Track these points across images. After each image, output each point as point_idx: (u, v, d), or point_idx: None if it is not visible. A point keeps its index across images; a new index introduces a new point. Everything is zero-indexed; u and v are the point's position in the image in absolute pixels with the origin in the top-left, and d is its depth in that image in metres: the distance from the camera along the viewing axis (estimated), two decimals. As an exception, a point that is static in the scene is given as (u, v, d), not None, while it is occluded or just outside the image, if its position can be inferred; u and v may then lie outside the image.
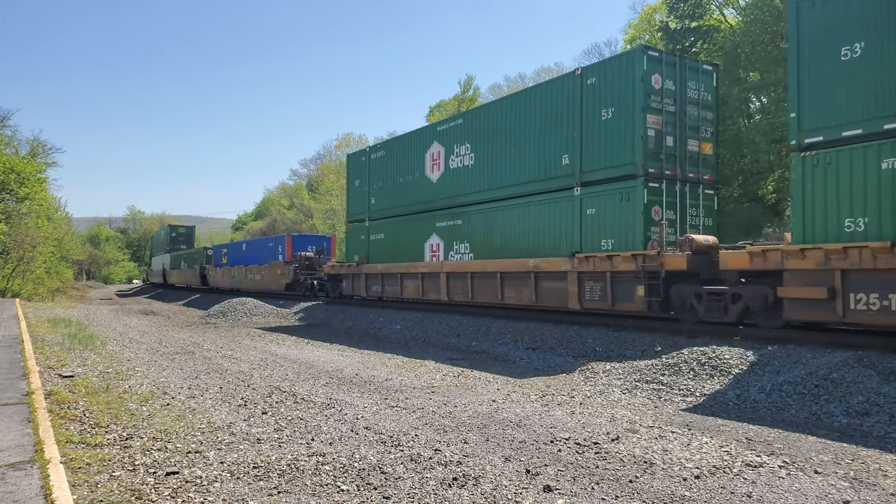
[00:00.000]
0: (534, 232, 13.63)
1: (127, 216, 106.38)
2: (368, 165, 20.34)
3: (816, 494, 4.36)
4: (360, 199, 20.95)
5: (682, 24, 36.84)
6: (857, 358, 7.82)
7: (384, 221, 19.49)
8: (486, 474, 4.68)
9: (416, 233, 17.71)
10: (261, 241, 33.55)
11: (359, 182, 21.04)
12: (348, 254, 21.32)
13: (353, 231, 21.30)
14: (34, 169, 34.89)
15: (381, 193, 19.67)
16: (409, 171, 18.20)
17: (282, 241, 29.41)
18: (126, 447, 5.20)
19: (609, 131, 11.92)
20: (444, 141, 16.81)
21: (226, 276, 35.76)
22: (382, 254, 19.31)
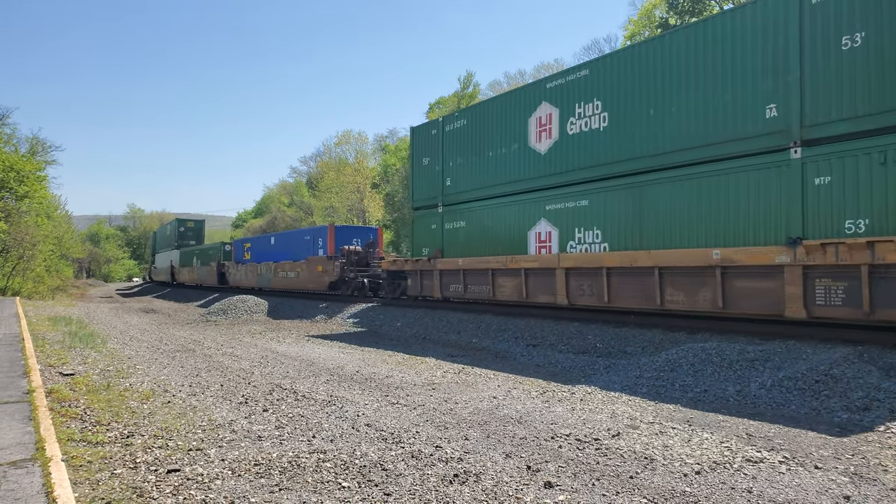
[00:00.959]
0: (713, 212, 10.17)
1: (127, 214, 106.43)
2: (442, 139, 16.48)
3: (817, 489, 4.37)
4: (429, 181, 17.03)
5: (681, 19, 36.80)
6: (858, 353, 7.83)
7: (466, 206, 15.73)
8: (487, 471, 4.68)
9: (514, 219, 14.16)
10: (295, 233, 28.50)
11: (428, 160, 17.13)
12: (414, 247, 17.58)
13: (421, 220, 17.46)
14: (34, 167, 34.86)
15: (462, 172, 15.86)
16: (504, 142, 14.53)
17: (322, 233, 25.09)
18: (127, 445, 5.21)
19: (859, 63, 8.52)
20: (558, 100, 13.10)
21: (250, 273, 31.63)
22: (463, 246, 15.70)
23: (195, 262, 41.38)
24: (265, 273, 29.52)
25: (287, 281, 27.06)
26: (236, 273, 33.73)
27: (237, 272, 33.64)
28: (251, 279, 31.41)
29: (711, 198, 10.26)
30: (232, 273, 34.38)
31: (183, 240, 49.01)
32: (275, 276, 28.22)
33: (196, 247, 44.96)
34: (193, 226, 51.66)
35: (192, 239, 49.65)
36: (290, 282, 26.80)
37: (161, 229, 58.31)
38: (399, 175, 57.74)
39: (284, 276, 27.22)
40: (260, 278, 30.13)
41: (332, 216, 54.74)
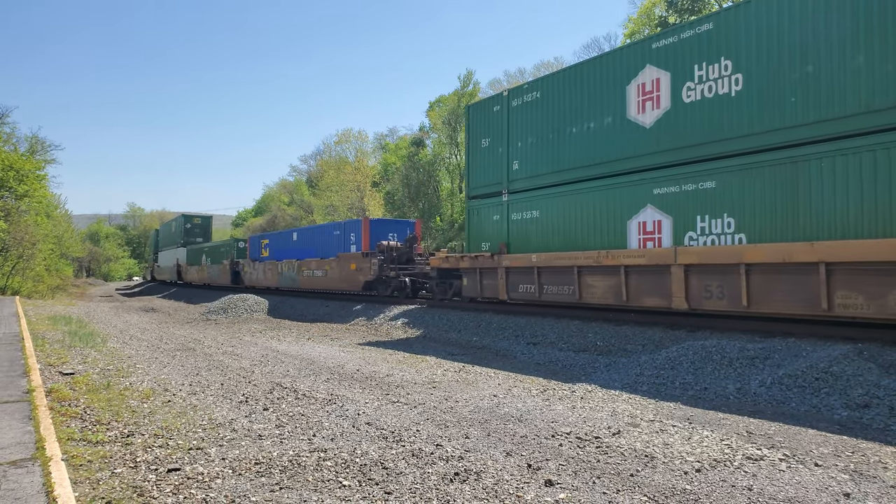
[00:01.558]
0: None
1: (126, 213, 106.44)
2: (507, 116, 14.32)
3: (817, 487, 4.37)
4: (490, 166, 14.88)
5: (680, 18, 36.76)
6: (857, 351, 7.84)
7: (540, 193, 13.47)
8: (487, 469, 4.68)
9: (607, 207, 11.96)
10: (322, 228, 25.77)
11: (488, 141, 14.93)
12: (470, 241, 15.34)
13: (480, 210, 15.21)
14: (33, 166, 34.86)
15: (534, 154, 13.59)
16: (592, 115, 12.25)
17: (355, 227, 22.62)
18: (127, 444, 5.21)
19: None
20: (669, 62, 10.88)
21: (269, 272, 29.05)
22: (536, 239, 13.50)
23: (204, 261, 39.24)
24: (287, 272, 26.99)
25: (313, 280, 24.67)
26: (253, 272, 31.10)
27: (254, 271, 30.99)
28: (270, 278, 28.88)
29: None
30: (248, 272, 31.74)
31: (189, 237, 46.99)
32: (299, 275, 25.79)
33: (205, 244, 42.78)
34: (200, 222, 49.10)
35: (198, 236, 47.62)
36: (317, 281, 24.39)
37: (165, 226, 55.87)
38: (399, 174, 57.72)
39: (310, 276, 24.87)
40: (281, 277, 27.60)
41: (332, 215, 54.73)
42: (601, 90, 12.19)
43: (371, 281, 20.84)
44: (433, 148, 59.77)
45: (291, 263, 26.73)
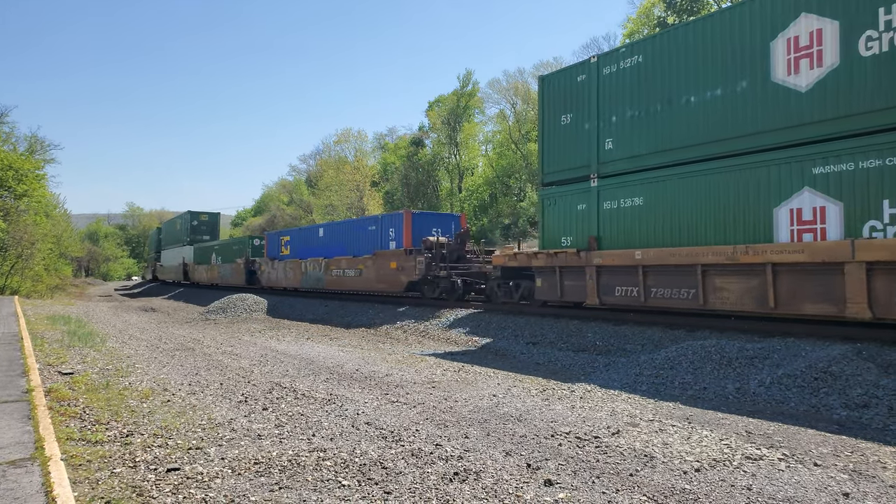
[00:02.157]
0: None
1: (126, 213, 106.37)
2: (597, 86, 12.04)
3: (816, 487, 4.37)
4: (573, 146, 12.54)
5: (679, 18, 36.79)
6: (856, 350, 7.85)
7: (643, 177, 11.26)
8: (487, 468, 4.68)
9: (744, 191, 9.84)
10: (354, 223, 23.30)
11: (570, 117, 12.65)
12: (545, 235, 13.12)
13: (558, 199, 12.96)
14: (32, 165, 34.83)
15: (634, 130, 11.38)
16: (720, 80, 10.09)
17: (395, 221, 20.13)
18: (127, 444, 5.20)
19: None
20: (838, 8, 8.85)
21: (291, 272, 26.48)
22: (639, 232, 11.29)
23: (214, 259, 37.00)
24: (313, 271, 24.50)
25: (344, 281, 22.27)
26: (271, 271, 28.52)
27: (273, 270, 28.37)
28: (293, 278, 26.32)
29: None
30: (266, 271, 29.15)
31: (196, 234, 44.78)
32: (328, 276, 23.30)
33: (215, 242, 40.83)
34: (207, 219, 46.70)
35: (206, 234, 45.52)
36: (348, 282, 21.97)
37: (168, 224, 53.34)
38: (398, 173, 57.72)
39: (339, 276, 22.48)
40: (305, 277, 25.09)
41: (331, 214, 54.72)
42: (731, 50, 9.98)
43: (415, 281, 18.60)
44: (432, 148, 59.80)
45: (317, 262, 24.21)
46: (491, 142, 60.30)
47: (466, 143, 58.24)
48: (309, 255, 25.32)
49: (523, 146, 52.46)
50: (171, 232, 50.28)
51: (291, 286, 26.86)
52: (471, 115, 58.41)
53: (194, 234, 45.01)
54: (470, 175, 58.35)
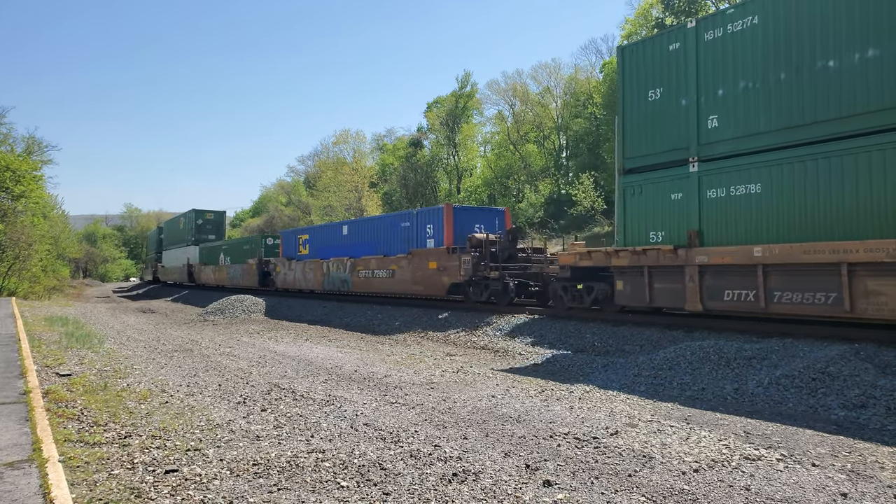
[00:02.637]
0: None
1: (123, 214, 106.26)
2: (696, 55, 10.32)
3: (814, 487, 4.38)
4: (663, 125, 10.84)
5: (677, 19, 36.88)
6: (854, 351, 7.86)
7: (761, 160, 9.51)
8: (485, 469, 4.68)
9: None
10: (384, 219, 21.19)
11: (660, 92, 10.92)
12: (628, 230, 11.40)
13: (644, 187, 11.24)
14: (30, 166, 34.78)
15: (748, 104, 9.67)
16: (873, 39, 8.33)
17: (433, 217, 17.87)
18: (125, 445, 5.20)
19: None
20: None
21: (312, 273, 24.27)
22: (757, 224, 9.54)
23: (223, 260, 34.89)
24: (337, 272, 22.39)
25: (373, 282, 20.30)
26: (288, 272, 26.27)
27: (290, 271, 26.15)
28: (313, 280, 24.17)
29: None
30: (282, 272, 26.91)
31: (201, 234, 42.36)
32: (353, 276, 21.32)
33: (223, 241, 38.85)
34: (213, 217, 44.21)
35: (211, 233, 43.08)
36: (378, 283, 20.03)
37: (170, 223, 50.92)
38: (397, 174, 57.74)
39: (368, 277, 20.54)
40: (328, 279, 23.01)
41: (329, 215, 54.71)
42: None
43: (459, 283, 16.57)
44: (431, 148, 59.84)
45: (341, 262, 22.08)
46: (489, 143, 60.40)
47: (465, 144, 58.32)
48: (331, 255, 23.03)
49: (522, 147, 52.49)
50: (174, 231, 48.27)
51: (311, 288, 24.66)
52: (469, 116, 58.50)
53: (199, 233, 42.61)
54: (468, 176, 58.40)
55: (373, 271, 20.28)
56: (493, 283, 15.74)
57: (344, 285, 21.95)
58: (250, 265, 30.55)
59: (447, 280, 16.86)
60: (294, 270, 25.83)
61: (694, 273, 10.22)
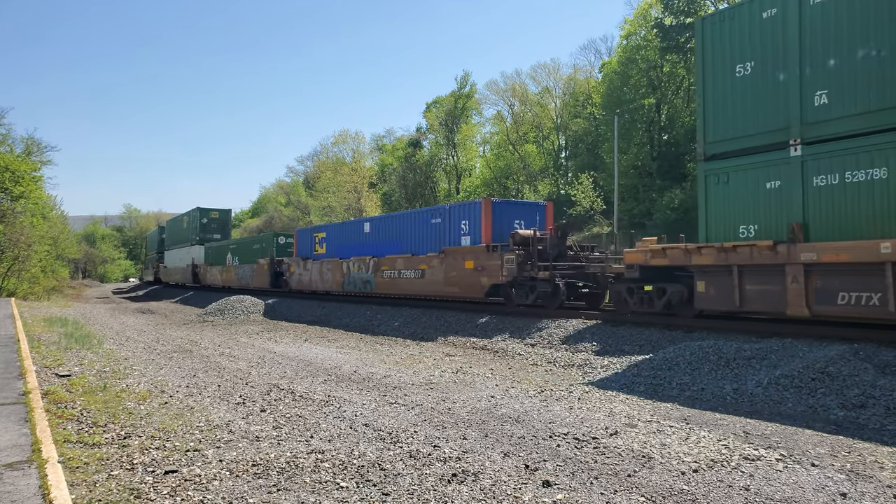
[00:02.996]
0: None
1: (123, 214, 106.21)
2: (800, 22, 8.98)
3: (814, 487, 4.38)
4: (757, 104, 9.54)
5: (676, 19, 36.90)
6: (853, 351, 7.86)
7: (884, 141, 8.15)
8: (485, 470, 4.69)
9: None
10: (413, 215, 19.41)
11: (751, 66, 9.62)
12: (709, 223, 10.14)
13: (731, 175, 9.95)
14: (29, 167, 34.78)
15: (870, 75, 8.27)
16: None
17: (469, 212, 16.33)
18: (124, 446, 5.19)
19: None
20: None
21: (330, 273, 22.67)
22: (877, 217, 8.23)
23: (231, 260, 33.50)
24: (358, 273, 20.88)
25: (401, 283, 18.67)
26: (303, 273, 24.76)
27: (305, 272, 24.64)
28: (331, 281, 22.64)
29: None
30: (296, 273, 25.38)
31: (206, 233, 40.90)
32: (376, 277, 19.79)
33: (230, 241, 37.63)
34: (218, 216, 42.49)
35: (216, 232, 41.55)
36: (407, 285, 18.39)
37: (173, 222, 49.20)
38: (396, 174, 57.76)
39: (394, 277, 18.96)
40: (348, 280, 21.48)
41: (329, 216, 54.70)
42: None
43: (501, 285, 15.06)
44: (430, 149, 59.87)
45: (363, 262, 20.57)
46: (488, 143, 60.42)
47: (464, 145, 58.34)
48: (352, 254, 21.48)
49: (521, 147, 52.52)
50: (177, 231, 46.65)
51: (329, 290, 23.15)
52: (468, 117, 58.51)
53: (204, 232, 40.95)
54: (468, 176, 58.43)
55: (399, 271, 18.69)
56: (540, 285, 14.10)
57: (366, 286, 20.32)
58: (261, 265, 29.06)
59: (486, 281, 15.29)
60: (310, 271, 24.30)
61: (798, 273, 8.81)
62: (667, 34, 37.33)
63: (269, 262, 28.44)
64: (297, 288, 25.51)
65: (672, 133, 39.28)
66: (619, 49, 43.43)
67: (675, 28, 36.98)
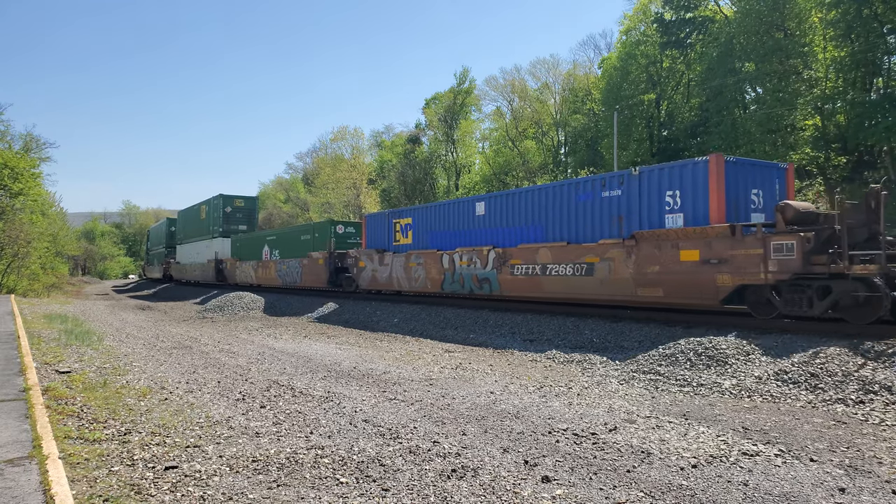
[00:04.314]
0: None
1: (122, 211, 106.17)
2: None
3: (812, 482, 4.40)
4: None
5: (677, 15, 36.82)
6: (853, 346, 7.88)
7: None
8: (484, 465, 4.70)
9: None
10: (566, 187, 13.80)
11: None
12: None
13: None
14: (28, 164, 34.72)
15: None
16: None
17: (685, 176, 11.20)
18: (124, 442, 5.20)
19: None
20: None
21: (422, 269, 17.53)
22: None
23: (268, 254, 28.19)
24: (469, 269, 15.70)
25: (547, 283, 13.51)
26: (379, 269, 19.65)
27: (382, 267, 19.53)
28: (424, 279, 17.52)
29: None
30: (368, 269, 20.23)
31: (230, 224, 35.62)
32: (502, 275, 14.61)
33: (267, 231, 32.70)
34: (244, 204, 36.52)
35: (242, 222, 36.13)
36: (561, 285, 13.23)
37: (187, 213, 42.86)
38: (395, 171, 57.71)
39: (534, 275, 13.77)
40: (452, 278, 16.37)
41: (328, 212, 54.66)
42: None
43: (760, 286, 9.92)
44: (429, 145, 59.79)
45: (478, 254, 15.43)
46: (488, 139, 60.34)
47: (463, 141, 58.23)
48: (457, 244, 16.43)
49: (520, 143, 52.46)
50: (193, 222, 40.78)
51: (420, 290, 18.06)
52: (467, 113, 58.41)
53: (228, 223, 35.48)
54: (467, 172, 58.35)
55: (544, 267, 13.51)
56: (842, 285, 8.94)
57: (483, 286, 15.33)
58: (314, 260, 23.67)
59: (729, 280, 10.11)
60: (389, 266, 19.15)
61: None
62: (667, 29, 37.26)
63: (326, 256, 22.98)
64: (370, 287, 20.60)
65: (672, 129, 39.22)
66: (619, 45, 43.33)
67: (676, 23, 36.92)
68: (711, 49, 34.11)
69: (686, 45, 36.83)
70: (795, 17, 28.93)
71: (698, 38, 36.29)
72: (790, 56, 28.38)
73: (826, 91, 27.44)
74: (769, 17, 29.33)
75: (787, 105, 28.05)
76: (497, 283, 14.94)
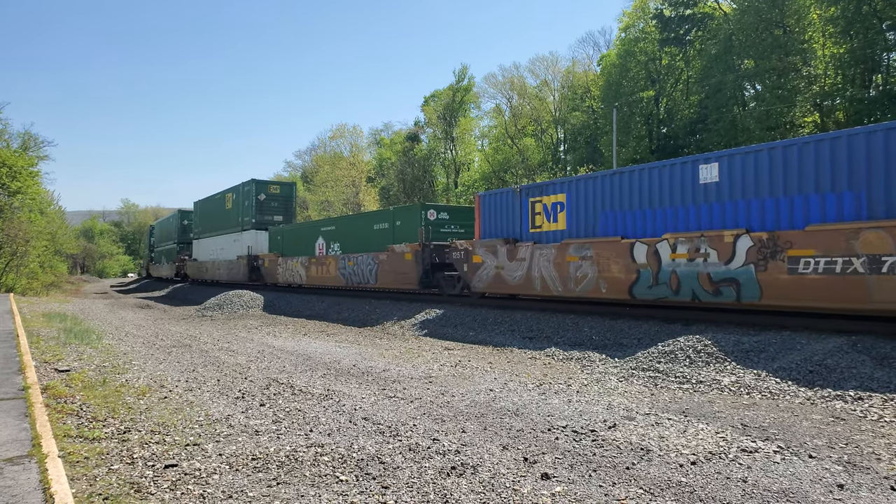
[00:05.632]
0: None
1: (121, 209, 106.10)
2: None
3: (811, 479, 4.41)
4: None
5: (676, 11, 36.79)
6: (851, 343, 7.89)
7: None
8: (484, 463, 4.70)
9: None
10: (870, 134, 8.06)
11: None
12: None
13: None
14: (26, 163, 34.67)
15: None
16: None
17: None
18: (124, 440, 5.20)
19: None
20: None
21: (590, 264, 12.19)
22: None
23: (324, 248, 23.42)
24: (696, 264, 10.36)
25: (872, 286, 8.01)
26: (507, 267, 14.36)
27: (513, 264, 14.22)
28: (593, 278, 12.21)
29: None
30: (487, 266, 14.97)
31: (264, 214, 29.84)
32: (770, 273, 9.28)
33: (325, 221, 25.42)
34: (280, 191, 30.86)
35: (277, 212, 30.33)
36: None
37: (206, 203, 36.60)
38: (394, 169, 57.68)
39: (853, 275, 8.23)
40: (648, 276, 11.21)
41: (327, 210, 54.63)
42: None
43: None
44: (428, 143, 59.76)
45: (713, 242, 10.19)
46: (487, 137, 60.30)
47: (462, 138, 58.22)
48: (663, 230, 11.15)
49: (519, 141, 52.43)
50: (215, 214, 34.85)
51: (582, 295, 12.58)
52: (466, 110, 58.38)
53: (262, 213, 29.85)
54: (466, 170, 58.32)
55: (874, 259, 8.16)
56: None
57: (724, 292, 10.01)
58: (399, 255, 18.43)
59: None
60: (526, 261, 13.91)
61: None
62: (666, 26, 37.24)
63: (417, 248, 17.69)
64: (491, 290, 15.36)
65: (671, 126, 39.22)
66: (618, 42, 43.30)
67: (675, 20, 36.91)
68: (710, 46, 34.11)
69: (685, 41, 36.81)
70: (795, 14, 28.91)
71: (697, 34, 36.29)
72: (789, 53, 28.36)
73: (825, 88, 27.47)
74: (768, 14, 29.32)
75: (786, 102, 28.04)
76: (756, 285, 9.59)
